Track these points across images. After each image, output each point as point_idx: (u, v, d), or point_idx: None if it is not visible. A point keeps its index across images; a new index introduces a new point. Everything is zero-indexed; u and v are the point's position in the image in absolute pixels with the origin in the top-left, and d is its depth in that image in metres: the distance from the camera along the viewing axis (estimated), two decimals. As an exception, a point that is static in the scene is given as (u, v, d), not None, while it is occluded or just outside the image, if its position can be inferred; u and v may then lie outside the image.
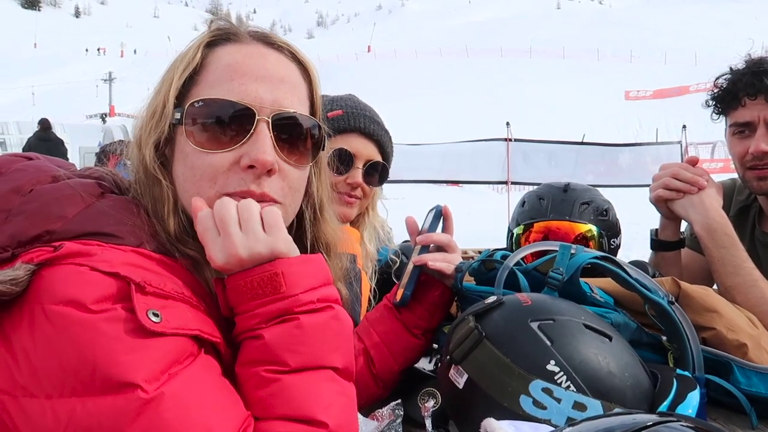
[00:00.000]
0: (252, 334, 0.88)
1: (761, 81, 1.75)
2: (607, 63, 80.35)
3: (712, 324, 1.42)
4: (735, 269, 1.67)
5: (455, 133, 21.02)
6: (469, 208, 14.11)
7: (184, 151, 0.96)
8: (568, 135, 22.99)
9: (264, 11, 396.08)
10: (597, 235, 1.91)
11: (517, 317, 1.04)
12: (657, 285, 1.30)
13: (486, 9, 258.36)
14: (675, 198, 1.79)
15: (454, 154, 13.21)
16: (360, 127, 1.76)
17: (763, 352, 1.41)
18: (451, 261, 1.41)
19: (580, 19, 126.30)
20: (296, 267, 0.90)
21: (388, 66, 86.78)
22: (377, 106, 1.94)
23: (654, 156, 11.79)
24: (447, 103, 58.31)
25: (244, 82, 0.96)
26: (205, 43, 1.00)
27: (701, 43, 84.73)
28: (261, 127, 0.96)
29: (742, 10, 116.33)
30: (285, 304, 0.88)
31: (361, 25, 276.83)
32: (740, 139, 1.83)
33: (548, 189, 2.03)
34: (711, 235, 1.72)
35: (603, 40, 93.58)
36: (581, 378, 0.95)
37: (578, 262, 1.23)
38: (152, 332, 0.77)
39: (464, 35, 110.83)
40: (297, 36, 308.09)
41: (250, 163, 0.94)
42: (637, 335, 1.34)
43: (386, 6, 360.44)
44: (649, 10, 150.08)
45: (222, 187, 0.94)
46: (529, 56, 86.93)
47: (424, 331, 1.41)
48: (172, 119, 0.96)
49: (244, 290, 0.89)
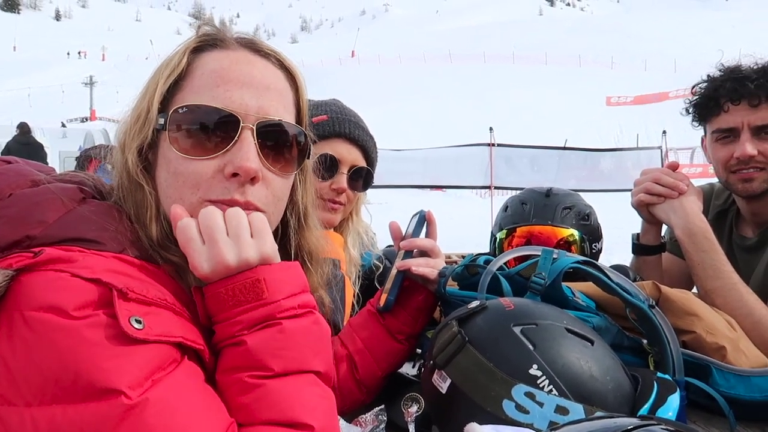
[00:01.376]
0: (234, 340, 0.87)
1: (744, 86, 1.77)
2: (589, 69, 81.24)
3: (692, 327, 1.44)
4: (714, 273, 1.70)
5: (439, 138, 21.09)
6: (453, 213, 14.16)
7: (167, 156, 0.95)
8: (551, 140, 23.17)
9: (247, 15, 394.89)
10: (579, 240, 1.93)
11: (500, 322, 1.04)
12: (638, 289, 1.32)
13: (469, 15, 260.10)
14: (656, 202, 1.81)
15: (438, 159, 13.24)
16: (345, 133, 1.75)
17: (741, 354, 1.43)
18: (435, 266, 1.41)
19: (562, 25, 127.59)
20: (277, 273, 0.90)
21: (372, 71, 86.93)
22: (361, 110, 1.94)
23: (635, 161, 11.92)
24: (431, 108, 58.53)
25: (230, 89, 0.95)
26: (191, 49, 0.99)
27: (680, 50, 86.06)
28: (245, 134, 0.94)
29: (720, 19, 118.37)
30: (268, 310, 0.87)
31: (345, 30, 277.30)
32: (724, 144, 1.85)
33: (531, 194, 2.04)
34: (691, 239, 1.74)
35: (585, 47, 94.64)
36: (563, 382, 0.96)
37: (560, 267, 1.24)
38: (135, 339, 0.76)
39: (448, 41, 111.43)
40: (281, 40, 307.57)
41: (234, 170, 0.93)
42: (618, 339, 1.35)
43: (370, 11, 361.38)
44: (630, 17, 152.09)
45: (205, 194, 0.93)
46: (512, 62, 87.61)
47: (408, 336, 1.41)
48: (156, 124, 0.95)
49: (225, 298, 0.88)
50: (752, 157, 1.79)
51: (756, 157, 1.79)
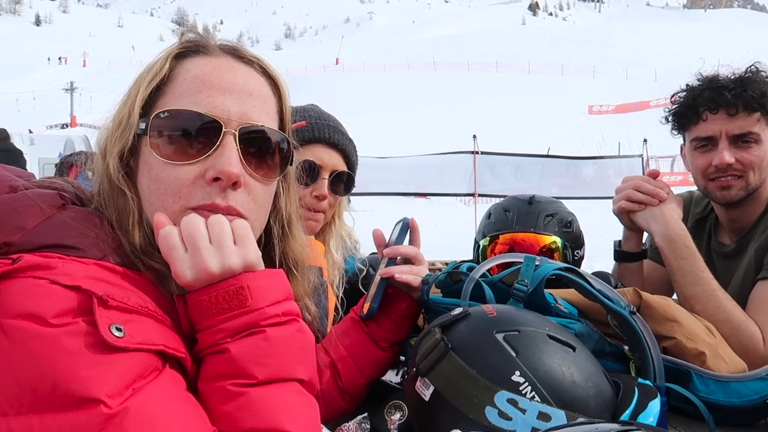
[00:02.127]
0: (217, 348, 0.86)
1: (722, 95, 1.80)
2: (571, 78, 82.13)
3: (672, 333, 1.46)
4: (694, 279, 1.72)
5: (423, 145, 21.19)
6: (437, 220, 14.21)
7: (149, 162, 0.94)
8: (534, 148, 23.39)
9: (231, 22, 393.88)
10: (561, 247, 1.94)
11: (482, 329, 1.05)
12: (619, 296, 1.33)
13: (453, 23, 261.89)
14: (637, 210, 1.83)
15: (422, 167, 13.30)
16: (325, 138, 1.75)
17: (720, 360, 1.45)
18: (418, 273, 1.41)
19: (544, 35, 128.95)
20: (261, 281, 0.89)
21: (356, 78, 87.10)
22: (345, 118, 1.94)
23: (616, 169, 12.07)
24: (415, 115, 58.74)
25: (212, 94, 0.95)
26: (173, 55, 0.99)
27: (660, 60, 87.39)
28: (227, 139, 0.94)
29: (699, 29, 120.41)
30: (252, 317, 0.87)
31: (330, 38, 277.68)
32: (702, 152, 1.88)
33: (514, 201, 2.05)
34: (671, 246, 1.76)
35: (567, 56, 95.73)
36: (545, 388, 0.96)
37: (542, 274, 1.25)
38: (115, 347, 0.75)
39: (432, 49, 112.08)
40: (265, 48, 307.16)
41: (216, 175, 0.92)
42: (600, 345, 1.36)
43: (354, 19, 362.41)
44: (611, 27, 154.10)
45: (186, 201, 0.92)
46: (496, 70, 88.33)
47: (391, 343, 1.41)
48: (137, 129, 0.94)
49: (207, 305, 0.87)
50: (730, 165, 1.81)
51: (733, 165, 1.82)
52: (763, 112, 1.80)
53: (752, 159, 1.82)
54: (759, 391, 1.38)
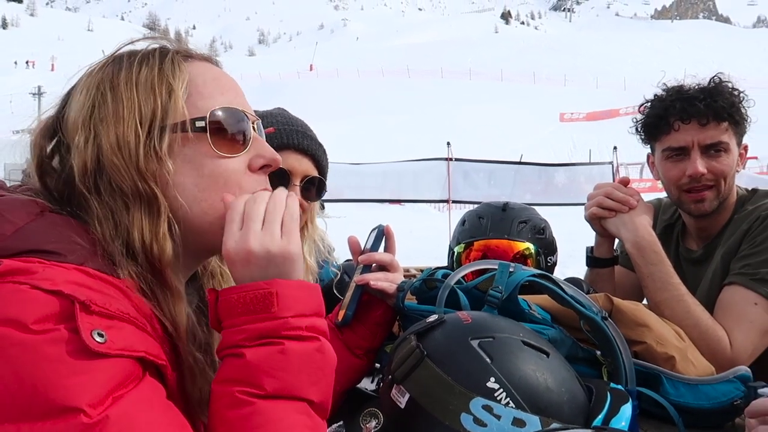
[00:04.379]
0: (234, 351, 0.87)
1: (693, 106, 1.83)
2: (543, 86, 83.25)
3: (643, 338, 1.48)
4: (663, 285, 1.75)
5: (397, 152, 21.26)
6: (411, 227, 14.24)
7: (197, 160, 0.95)
8: (507, 154, 23.64)
9: (204, 27, 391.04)
10: (534, 253, 1.96)
11: (457, 335, 1.05)
12: (591, 301, 1.35)
13: (427, 31, 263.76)
14: (608, 216, 1.86)
15: (396, 173, 13.33)
16: (294, 144, 1.73)
17: (689, 363, 1.48)
18: (393, 280, 1.41)
19: (517, 43, 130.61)
20: (292, 290, 0.90)
21: (330, 85, 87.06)
22: (319, 124, 1.94)
23: (587, 176, 12.25)
24: (389, 122, 58.92)
25: (232, 96, 1.01)
26: (178, 61, 0.99)
27: (629, 69, 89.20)
28: (255, 133, 1.02)
29: (667, 39, 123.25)
30: (274, 324, 0.87)
31: (303, 44, 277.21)
32: (674, 163, 1.91)
33: (487, 208, 2.07)
34: (641, 253, 1.79)
35: (539, 64, 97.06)
36: (520, 394, 0.97)
37: (516, 280, 1.26)
38: (97, 353, 0.75)
39: (406, 56, 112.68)
40: (238, 53, 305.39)
41: (267, 162, 1.02)
42: (573, 350, 1.38)
43: (328, 25, 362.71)
44: (582, 36, 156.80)
45: (247, 189, 0.98)
46: (469, 78, 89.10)
47: (366, 351, 1.41)
48: (183, 129, 0.94)
49: (235, 304, 0.89)
50: (703, 174, 1.85)
51: (706, 175, 1.85)
52: (731, 121, 1.84)
53: (723, 168, 1.85)
54: (726, 394, 1.41)
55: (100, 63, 1.00)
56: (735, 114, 1.83)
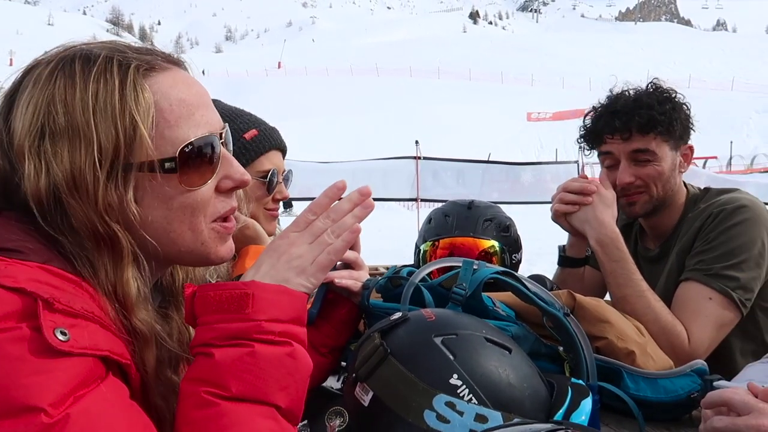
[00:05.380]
0: (205, 350, 0.86)
1: (615, 121, 1.89)
2: (510, 85, 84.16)
3: (604, 333, 1.51)
4: (625, 281, 1.79)
5: (366, 150, 21.25)
6: (380, 225, 14.26)
7: (165, 194, 0.91)
8: (475, 154, 23.82)
9: (169, 23, 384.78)
10: (499, 251, 1.98)
11: (421, 333, 1.06)
12: (553, 298, 1.37)
13: (395, 30, 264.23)
14: (571, 211, 1.89)
15: (365, 172, 13.32)
16: (277, 143, 1.83)
17: (649, 358, 1.51)
18: (358, 278, 1.42)
19: (484, 42, 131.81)
20: (269, 294, 0.88)
21: (299, 83, 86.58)
22: (289, 122, 2.01)
23: (554, 174, 12.41)
24: (358, 120, 58.87)
25: (202, 113, 0.95)
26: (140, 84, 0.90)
27: (595, 69, 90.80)
28: (223, 150, 0.97)
29: (631, 41, 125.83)
30: (245, 326, 0.85)
31: (271, 41, 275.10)
32: (610, 172, 1.97)
33: (453, 206, 2.09)
34: (604, 249, 1.83)
35: (506, 64, 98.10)
36: (482, 390, 0.98)
37: (480, 278, 1.27)
38: (59, 352, 0.73)
39: (374, 55, 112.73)
40: (204, 50, 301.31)
41: (236, 185, 0.98)
42: (536, 347, 1.39)
43: (297, 23, 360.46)
44: (549, 37, 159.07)
45: (213, 214, 0.96)
46: (438, 77, 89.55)
47: (331, 349, 1.41)
48: (159, 169, 0.89)
49: (211, 301, 0.87)
50: (630, 183, 1.91)
51: (635, 182, 1.91)
52: (656, 132, 1.88)
53: (651, 173, 1.91)
54: (684, 387, 1.45)
55: (48, 66, 0.90)
56: (660, 124, 1.87)
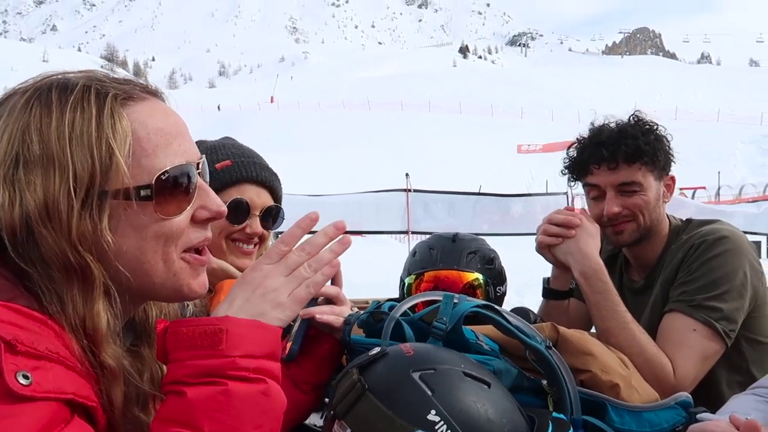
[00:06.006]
0: (177, 388, 0.83)
1: (601, 151, 1.91)
2: (500, 118, 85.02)
3: (588, 366, 1.50)
4: (609, 313, 1.79)
5: (358, 184, 21.31)
6: (372, 258, 14.22)
7: (140, 223, 0.90)
8: (466, 186, 23.93)
9: (163, 59, 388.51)
10: (483, 284, 1.98)
11: (399, 368, 1.05)
12: (535, 331, 1.36)
13: (387, 64, 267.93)
14: (555, 243, 1.90)
15: (357, 204, 13.36)
16: (253, 177, 1.75)
17: (633, 391, 1.51)
18: (340, 313, 1.40)
19: (475, 77, 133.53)
20: (243, 329, 0.87)
21: (291, 117, 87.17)
22: (280, 155, 1.96)
23: (544, 205, 12.46)
24: (350, 154, 59.18)
25: (179, 142, 0.95)
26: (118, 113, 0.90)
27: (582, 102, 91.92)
28: (200, 181, 0.97)
29: (618, 74, 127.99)
30: (219, 362, 0.84)
31: (264, 76, 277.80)
32: (595, 203, 1.99)
33: (438, 239, 2.10)
34: (587, 282, 1.83)
35: (496, 98, 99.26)
36: (460, 426, 0.97)
37: (460, 312, 1.27)
38: (21, 397, 0.71)
39: (366, 89, 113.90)
40: (198, 85, 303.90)
41: (212, 216, 0.97)
42: (518, 380, 1.38)
43: (289, 58, 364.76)
44: (538, 71, 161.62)
45: (185, 244, 0.95)
46: (428, 110, 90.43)
47: (314, 386, 1.39)
48: (135, 197, 0.88)
49: (183, 337, 0.85)
50: (618, 214, 1.93)
51: (622, 212, 1.93)
52: (642, 161, 1.91)
53: (638, 203, 1.93)
54: (669, 420, 1.44)
55: (24, 95, 0.90)
56: (645, 154, 1.90)
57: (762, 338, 1.94)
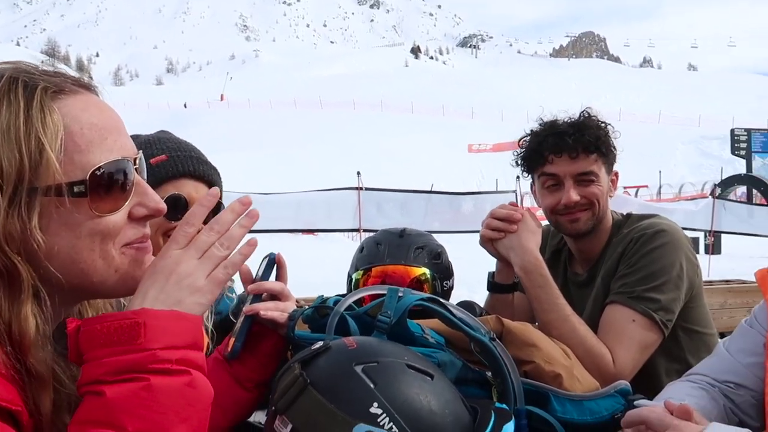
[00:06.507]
0: (94, 388, 0.79)
1: (563, 140, 1.95)
2: (451, 118, 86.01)
3: (532, 357, 1.53)
4: (550, 306, 1.83)
5: (310, 182, 21.20)
6: (324, 256, 14.17)
7: (74, 222, 0.86)
8: (418, 184, 24.13)
9: (108, 55, 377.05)
10: (431, 278, 1.99)
11: (341, 362, 1.04)
12: (480, 323, 1.38)
13: (339, 64, 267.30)
14: (497, 237, 1.93)
15: (309, 203, 13.29)
16: (190, 171, 1.68)
17: (575, 381, 1.54)
18: (285, 309, 1.38)
19: (426, 77, 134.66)
20: (163, 321, 0.82)
21: (242, 115, 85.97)
22: (231, 154, 1.90)
23: (493, 203, 12.37)
24: (302, 153, 58.79)
25: (115, 137, 0.91)
26: (48, 106, 0.86)
27: (531, 103, 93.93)
28: (137, 177, 0.94)
29: (565, 76, 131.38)
30: (139, 357, 0.79)
31: (214, 74, 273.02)
32: (551, 192, 2.02)
33: (385, 235, 2.10)
34: (528, 276, 1.87)
35: (447, 98, 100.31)
36: (403, 418, 0.97)
37: (405, 305, 1.27)
38: None
39: (318, 88, 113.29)
40: (145, 82, 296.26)
41: (150, 213, 0.94)
42: (463, 372, 1.39)
43: (240, 56, 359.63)
44: (488, 72, 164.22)
45: (122, 240, 0.91)
46: (381, 110, 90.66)
47: (257, 383, 1.36)
48: (68, 194, 0.84)
49: (98, 335, 0.80)
50: (576, 202, 1.97)
51: (579, 201, 1.97)
52: (599, 153, 1.97)
53: (595, 192, 1.98)
54: (608, 408, 1.48)
55: None
56: (602, 146, 1.97)
57: (697, 328, 2.02)
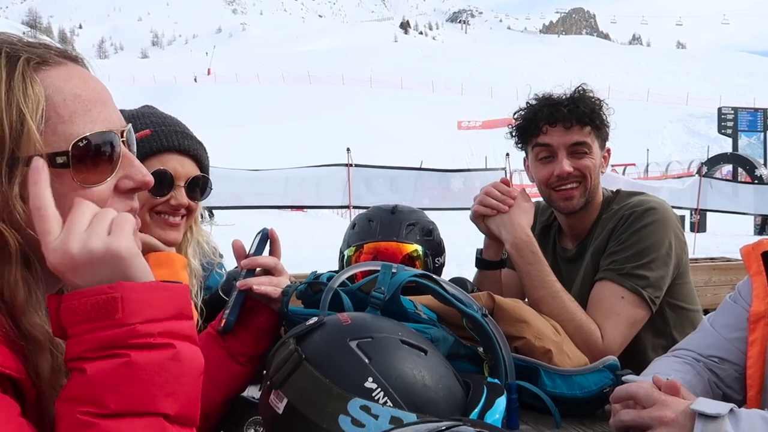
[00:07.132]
0: (77, 365, 0.78)
1: (558, 111, 1.95)
2: (441, 95, 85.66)
3: (522, 333, 1.55)
4: (540, 283, 1.85)
5: (298, 158, 21.11)
6: (314, 233, 14.19)
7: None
8: (408, 161, 24.10)
9: (91, 27, 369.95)
10: (422, 255, 2.00)
11: (336, 337, 1.04)
12: (472, 300, 1.39)
13: (327, 38, 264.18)
14: (489, 214, 1.94)
15: (298, 179, 13.23)
16: (175, 146, 1.66)
17: (565, 356, 1.56)
18: (278, 284, 1.38)
19: (416, 53, 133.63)
20: (141, 294, 0.81)
21: (229, 89, 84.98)
22: (218, 129, 1.88)
23: (483, 181, 12.66)
24: (290, 128, 58.35)
25: (99, 109, 0.90)
26: (30, 77, 0.85)
27: (521, 79, 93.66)
28: (124, 149, 0.92)
29: (555, 53, 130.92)
30: (118, 332, 0.78)
31: (200, 47, 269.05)
32: (544, 164, 2.02)
33: (377, 211, 2.10)
34: (518, 253, 1.88)
35: (437, 74, 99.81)
36: (397, 393, 0.98)
37: (398, 281, 1.28)
38: None
39: (307, 62, 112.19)
40: (130, 55, 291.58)
41: (136, 186, 0.92)
42: (455, 348, 1.41)
43: (227, 29, 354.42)
44: (477, 48, 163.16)
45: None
46: (370, 85, 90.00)
47: (250, 358, 1.37)
48: (50, 164, 0.83)
49: (77, 311, 0.79)
50: (570, 173, 1.97)
51: (573, 173, 1.98)
52: (592, 126, 1.98)
53: (588, 165, 1.99)
54: (597, 383, 1.51)
55: None
56: (596, 119, 1.98)
57: (683, 304, 2.05)
